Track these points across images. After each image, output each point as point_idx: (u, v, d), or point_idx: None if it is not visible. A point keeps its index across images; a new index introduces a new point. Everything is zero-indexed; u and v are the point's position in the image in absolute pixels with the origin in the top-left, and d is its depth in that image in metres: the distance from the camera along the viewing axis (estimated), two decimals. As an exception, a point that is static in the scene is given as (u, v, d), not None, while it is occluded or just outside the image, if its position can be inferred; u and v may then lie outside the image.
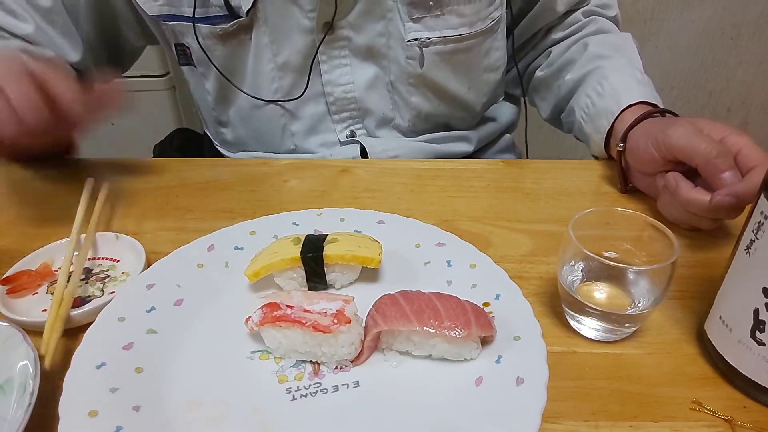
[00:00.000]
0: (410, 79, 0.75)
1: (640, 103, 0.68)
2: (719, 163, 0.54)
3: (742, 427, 0.42)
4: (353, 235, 0.54)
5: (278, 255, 0.51)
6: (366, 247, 0.51)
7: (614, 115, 0.68)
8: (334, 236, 0.53)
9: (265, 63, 0.73)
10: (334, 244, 0.51)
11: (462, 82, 0.78)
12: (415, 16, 0.71)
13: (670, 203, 0.60)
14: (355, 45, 0.73)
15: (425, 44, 0.72)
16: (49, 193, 0.68)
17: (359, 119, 0.79)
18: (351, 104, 0.77)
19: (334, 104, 0.77)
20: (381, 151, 0.78)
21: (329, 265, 0.51)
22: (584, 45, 0.78)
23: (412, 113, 0.78)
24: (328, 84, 0.75)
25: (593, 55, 0.76)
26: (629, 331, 0.48)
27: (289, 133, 0.79)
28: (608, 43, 0.78)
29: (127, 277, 0.54)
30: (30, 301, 0.51)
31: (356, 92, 0.76)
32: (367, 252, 0.51)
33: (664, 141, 0.58)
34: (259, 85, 0.75)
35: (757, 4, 1.54)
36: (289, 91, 0.76)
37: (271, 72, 0.74)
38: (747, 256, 0.41)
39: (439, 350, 0.44)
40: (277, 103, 0.76)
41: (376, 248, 0.51)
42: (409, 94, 0.76)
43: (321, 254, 0.50)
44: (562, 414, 0.42)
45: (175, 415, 0.41)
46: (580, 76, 0.77)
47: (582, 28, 0.82)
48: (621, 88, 0.70)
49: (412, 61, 0.73)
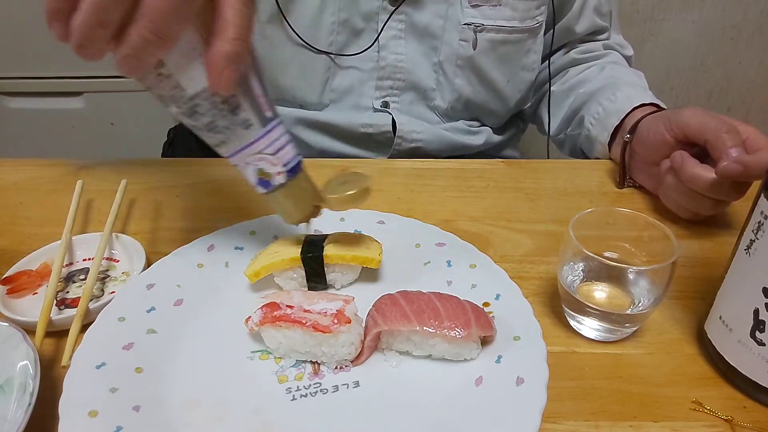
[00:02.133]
0: (458, 61, 0.78)
1: (651, 104, 0.71)
2: (728, 138, 0.56)
3: (742, 427, 0.42)
4: (353, 235, 0.54)
5: (278, 255, 0.51)
6: (366, 247, 0.51)
7: (624, 112, 0.71)
8: (335, 236, 0.53)
9: (328, 15, 0.75)
10: (334, 245, 0.51)
11: (503, 74, 0.81)
12: (474, 3, 0.76)
13: (673, 186, 0.61)
14: (412, 21, 0.76)
15: (479, 29, 0.77)
16: (49, 193, 0.68)
17: (398, 92, 0.81)
18: (398, 73, 0.79)
19: (384, 69, 0.79)
20: (409, 130, 0.81)
21: (329, 266, 0.51)
22: (600, 68, 0.83)
23: (453, 95, 0.81)
24: (384, 49, 0.77)
25: (608, 75, 0.81)
26: (629, 331, 0.48)
27: (329, 87, 0.80)
28: (624, 70, 0.84)
29: (127, 277, 0.54)
30: (30, 301, 0.51)
31: (406, 64, 0.78)
32: (367, 252, 0.51)
33: (676, 120, 0.61)
34: (315, 34, 0.76)
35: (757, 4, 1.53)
36: (342, 48, 0.77)
37: (332, 25, 0.75)
38: (747, 256, 0.41)
39: (439, 350, 0.44)
40: (329, 55, 0.77)
41: (376, 248, 0.51)
42: (454, 75, 0.79)
43: (321, 254, 0.50)
44: (562, 414, 0.42)
45: (175, 415, 0.41)
46: (594, 89, 0.80)
47: (600, 57, 0.87)
48: (633, 94, 0.74)
49: (464, 43, 0.77)
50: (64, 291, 0.53)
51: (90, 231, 0.60)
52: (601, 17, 0.86)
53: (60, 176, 0.70)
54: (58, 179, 0.70)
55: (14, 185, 0.69)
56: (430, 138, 0.82)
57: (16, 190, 0.69)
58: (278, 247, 0.52)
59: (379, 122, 0.81)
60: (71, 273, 0.55)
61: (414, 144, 0.82)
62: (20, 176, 0.71)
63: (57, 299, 0.51)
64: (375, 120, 0.81)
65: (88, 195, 0.65)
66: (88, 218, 0.63)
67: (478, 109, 0.85)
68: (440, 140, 0.82)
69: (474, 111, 0.85)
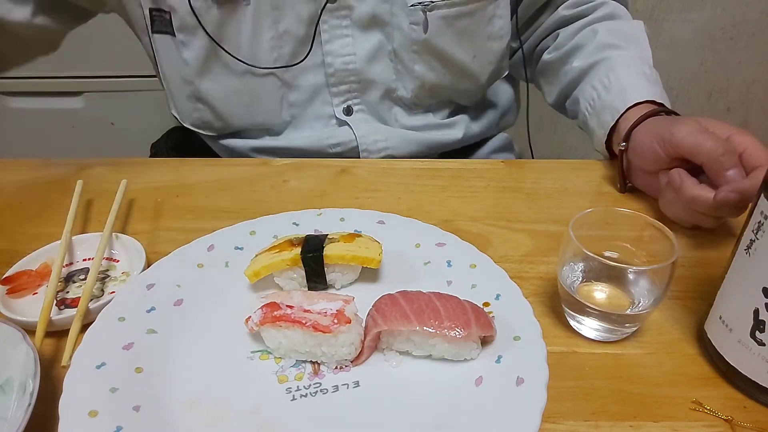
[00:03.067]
0: (414, 46, 0.73)
1: (647, 102, 0.67)
2: (724, 160, 0.54)
3: (742, 427, 0.42)
4: (353, 235, 0.54)
5: (278, 255, 0.51)
6: (366, 247, 0.51)
7: (619, 112, 0.67)
8: (334, 236, 0.53)
9: (264, 30, 0.70)
10: (334, 244, 0.51)
11: (467, 50, 0.75)
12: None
13: (673, 201, 0.60)
14: (358, 14, 0.72)
15: (429, 8, 0.70)
16: (49, 193, 0.68)
17: (357, 93, 0.77)
18: (351, 76, 0.75)
19: (333, 75, 0.75)
20: (372, 141, 0.77)
21: (329, 265, 0.51)
22: (594, 31, 0.77)
23: (416, 83, 0.76)
24: (329, 54, 0.73)
25: (602, 44, 0.75)
26: (629, 331, 0.48)
27: (287, 104, 0.77)
28: (619, 31, 0.77)
29: (127, 277, 0.54)
30: (30, 301, 0.51)
31: (357, 64, 0.74)
32: (368, 252, 0.51)
33: (669, 139, 0.59)
34: (257, 54, 0.72)
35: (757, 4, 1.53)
36: (288, 60, 0.73)
37: (271, 41, 0.71)
38: (747, 256, 0.41)
39: (439, 350, 0.44)
40: (274, 72, 0.73)
41: (376, 248, 0.51)
42: (412, 62, 0.74)
43: (321, 254, 0.50)
44: (562, 414, 0.42)
45: (175, 415, 0.41)
46: (587, 65, 0.75)
47: (592, 10, 0.80)
48: (628, 84, 0.69)
49: (416, 27, 0.71)
50: (64, 291, 0.53)
51: (90, 231, 0.60)
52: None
53: (60, 176, 0.70)
54: (58, 179, 0.70)
55: (14, 185, 0.69)
56: (396, 143, 0.78)
57: (16, 190, 0.69)
58: (278, 247, 0.52)
59: (345, 138, 0.77)
60: (71, 273, 0.55)
61: (383, 153, 0.78)
62: (20, 176, 0.71)
63: (57, 299, 0.51)
64: (341, 137, 0.77)
65: (88, 195, 0.65)
66: (88, 218, 0.63)
67: (447, 92, 0.79)
68: (409, 142, 0.79)
69: (442, 95, 0.79)
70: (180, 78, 0.76)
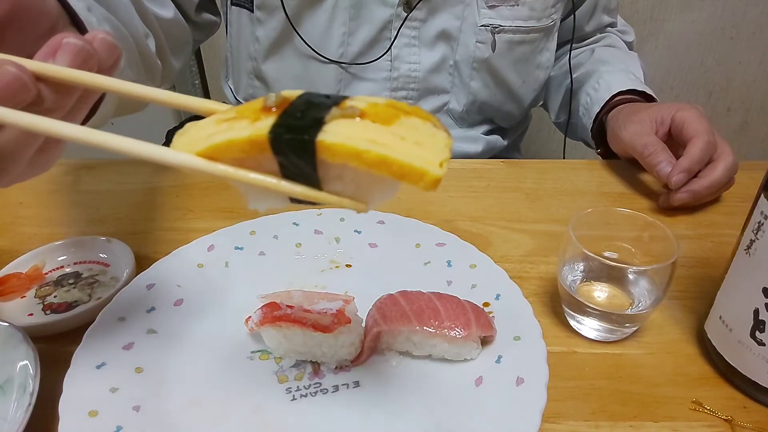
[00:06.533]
0: (474, 63, 0.77)
1: (629, 91, 0.75)
2: (651, 159, 0.64)
3: (742, 427, 0.42)
4: (395, 106, 0.28)
5: (230, 131, 0.27)
6: (416, 141, 0.26)
7: (604, 100, 0.76)
8: (356, 104, 0.27)
9: (337, 25, 0.74)
10: (349, 123, 0.27)
11: (519, 74, 0.81)
12: (491, 4, 0.74)
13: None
14: (428, 27, 0.75)
15: (497, 31, 0.76)
16: (49, 193, 0.67)
17: (413, 102, 0.80)
18: (412, 83, 0.78)
19: (397, 80, 0.78)
20: None
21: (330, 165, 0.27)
22: (591, 51, 0.85)
23: (468, 98, 0.80)
24: (396, 59, 0.76)
25: (596, 59, 0.84)
26: (629, 331, 0.48)
27: None
28: (613, 53, 0.85)
29: (116, 283, 0.53)
30: (17, 305, 0.51)
31: (420, 73, 0.78)
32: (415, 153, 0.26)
33: (618, 140, 0.70)
34: (325, 45, 0.75)
35: (757, 4, 1.53)
36: (354, 59, 0.76)
37: (342, 36, 0.74)
38: (747, 256, 0.41)
39: (439, 350, 0.44)
40: (340, 65, 0.76)
41: (435, 146, 0.27)
42: (470, 78, 0.78)
43: (313, 140, 0.26)
44: (562, 414, 0.42)
45: (175, 415, 0.41)
46: (582, 74, 0.82)
47: (597, 41, 0.88)
48: (614, 81, 0.77)
49: (481, 45, 0.76)
50: (52, 295, 0.52)
51: (88, 233, 0.60)
52: (608, 14, 0.87)
53: (60, 176, 0.70)
54: (58, 179, 0.70)
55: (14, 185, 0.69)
56: None
57: (16, 190, 0.69)
58: (238, 112, 0.29)
59: None
60: (61, 277, 0.54)
61: None
62: (20, 176, 0.71)
63: (44, 303, 0.51)
64: None
65: (88, 195, 0.65)
66: (88, 218, 0.63)
67: (493, 111, 0.84)
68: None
69: (488, 113, 0.84)
70: (246, 53, 0.80)
